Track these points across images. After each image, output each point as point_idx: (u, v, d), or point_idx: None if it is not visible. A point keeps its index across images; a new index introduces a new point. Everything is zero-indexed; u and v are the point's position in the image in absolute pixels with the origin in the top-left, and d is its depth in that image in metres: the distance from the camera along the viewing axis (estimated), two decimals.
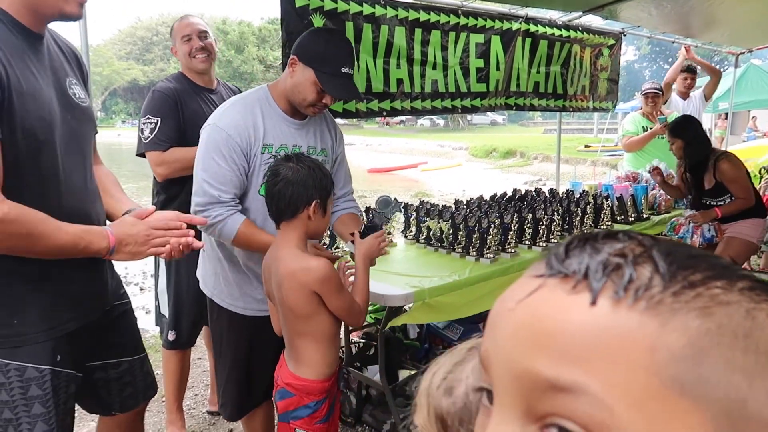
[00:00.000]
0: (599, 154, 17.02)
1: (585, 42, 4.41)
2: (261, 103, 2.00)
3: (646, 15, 4.43)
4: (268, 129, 1.97)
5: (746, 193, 3.65)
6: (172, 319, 2.69)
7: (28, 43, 1.40)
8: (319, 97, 1.94)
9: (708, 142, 3.80)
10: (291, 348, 1.84)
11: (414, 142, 27.90)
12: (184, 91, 2.59)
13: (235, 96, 2.11)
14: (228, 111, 1.97)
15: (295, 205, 1.71)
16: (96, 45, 53.54)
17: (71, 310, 1.51)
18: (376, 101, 3.04)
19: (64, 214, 1.40)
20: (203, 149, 1.94)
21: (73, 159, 1.50)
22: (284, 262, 1.73)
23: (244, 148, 1.92)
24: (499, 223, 2.94)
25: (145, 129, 2.52)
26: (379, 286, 2.54)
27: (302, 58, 1.94)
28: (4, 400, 1.38)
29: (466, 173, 17.41)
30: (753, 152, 7.86)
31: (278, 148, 2.00)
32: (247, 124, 1.93)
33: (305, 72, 1.93)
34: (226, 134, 1.90)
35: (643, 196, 4.14)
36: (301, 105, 1.99)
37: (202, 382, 3.48)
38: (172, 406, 2.82)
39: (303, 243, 1.76)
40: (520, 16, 3.82)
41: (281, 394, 1.85)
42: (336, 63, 1.92)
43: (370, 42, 2.94)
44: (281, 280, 1.74)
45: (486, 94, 3.65)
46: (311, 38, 2.00)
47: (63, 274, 1.46)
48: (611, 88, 4.86)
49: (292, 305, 1.74)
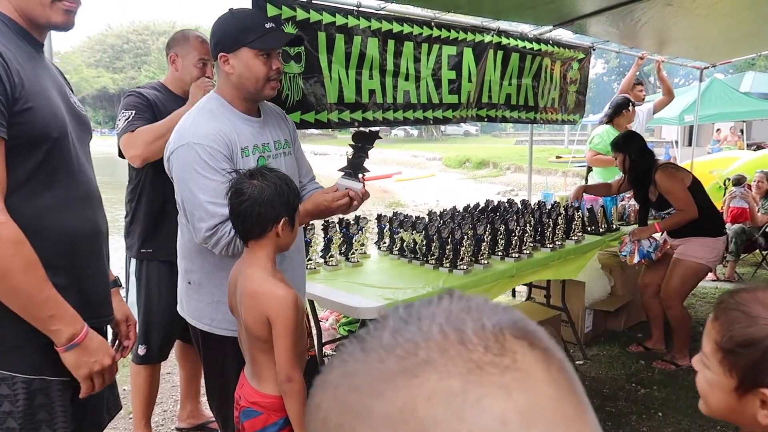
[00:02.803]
0: (570, 165, 17.28)
1: (556, 55, 4.47)
2: (221, 110, 1.93)
3: (615, 30, 4.52)
4: (238, 133, 1.91)
5: (684, 205, 3.54)
6: (141, 333, 2.61)
7: (35, 50, 1.42)
8: (267, 66, 1.88)
9: (650, 155, 3.77)
10: (253, 364, 1.78)
11: (388, 152, 27.97)
12: (162, 98, 2.53)
13: (194, 108, 2.00)
14: (198, 124, 1.87)
15: (263, 225, 1.66)
16: (64, 52, 52.57)
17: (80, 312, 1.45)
18: (348, 112, 3.03)
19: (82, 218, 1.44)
20: (189, 170, 1.81)
21: (85, 162, 1.51)
22: (250, 280, 1.69)
23: (227, 155, 1.84)
24: (472, 234, 2.94)
25: (120, 123, 2.43)
26: (352, 299, 2.52)
27: (228, 48, 1.87)
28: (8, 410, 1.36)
29: (439, 183, 17.52)
30: (719, 164, 8.09)
31: (253, 149, 1.94)
32: (221, 131, 1.85)
33: (240, 56, 1.87)
34: (207, 147, 1.81)
35: (612, 207, 4.20)
36: (258, 89, 1.91)
37: (171, 397, 3.40)
38: (139, 423, 2.74)
39: (271, 262, 1.72)
40: (492, 29, 3.86)
41: (246, 414, 1.78)
42: (257, 24, 1.88)
43: (342, 52, 2.93)
44: (243, 297, 1.70)
45: (458, 106, 3.67)
46: (220, 28, 1.92)
47: (73, 272, 1.45)
48: (579, 100, 4.94)
49: (250, 325, 1.69)
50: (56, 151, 1.39)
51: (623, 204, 4.43)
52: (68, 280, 1.43)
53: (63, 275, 1.41)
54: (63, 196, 1.41)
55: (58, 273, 1.39)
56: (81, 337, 1.36)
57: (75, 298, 1.43)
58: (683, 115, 11.24)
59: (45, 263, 1.34)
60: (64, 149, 1.41)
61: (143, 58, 55.35)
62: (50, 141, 1.37)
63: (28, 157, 1.34)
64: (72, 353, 1.36)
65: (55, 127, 1.38)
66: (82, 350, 1.37)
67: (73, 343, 1.35)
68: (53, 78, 1.48)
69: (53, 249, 1.38)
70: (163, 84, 2.63)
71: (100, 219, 1.56)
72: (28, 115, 1.31)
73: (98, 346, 1.41)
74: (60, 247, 1.41)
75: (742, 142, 15.27)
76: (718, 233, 3.68)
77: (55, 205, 1.40)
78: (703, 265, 3.66)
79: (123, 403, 3.31)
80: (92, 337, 1.40)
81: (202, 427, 3.01)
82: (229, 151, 1.85)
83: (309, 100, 2.82)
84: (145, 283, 2.60)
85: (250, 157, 1.93)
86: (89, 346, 1.38)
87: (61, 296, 1.33)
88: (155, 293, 2.59)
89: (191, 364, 2.97)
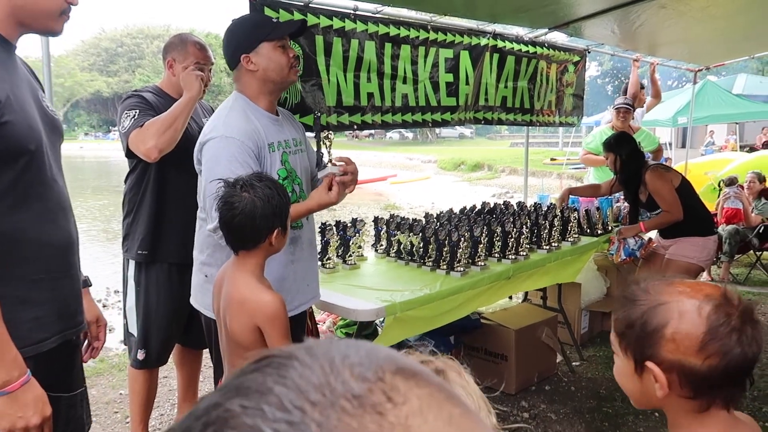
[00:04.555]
0: (565, 167, 17.35)
1: (551, 58, 4.50)
2: (247, 108, 2.04)
3: (609, 33, 4.55)
4: (264, 129, 2.02)
5: (670, 206, 3.57)
6: (141, 338, 2.60)
7: (7, 54, 1.38)
8: (286, 54, 2.03)
9: (641, 156, 3.81)
10: (231, 370, 1.78)
11: (383, 155, 28.00)
12: (161, 102, 2.53)
13: (221, 107, 2.10)
14: (230, 120, 1.98)
15: (257, 238, 1.65)
16: (58, 55, 52.36)
17: (58, 322, 1.44)
18: (347, 114, 3.04)
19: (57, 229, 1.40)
20: (218, 162, 1.91)
21: (57, 172, 1.48)
22: (237, 286, 1.68)
23: (256, 152, 1.95)
24: (468, 236, 2.95)
25: (126, 120, 2.40)
26: (349, 301, 2.52)
27: (248, 48, 2.01)
28: None
29: (434, 186, 17.53)
30: (713, 165, 8.13)
31: (277, 145, 2.05)
32: (251, 128, 1.97)
33: (260, 52, 2.00)
34: (239, 141, 1.91)
35: (608, 208, 4.22)
36: (284, 77, 2.05)
37: (168, 401, 3.39)
38: (137, 427, 2.72)
39: (261, 269, 1.71)
40: (488, 32, 3.87)
41: None
42: (265, 21, 2.03)
43: (340, 56, 2.94)
44: (229, 303, 1.69)
45: (455, 108, 3.68)
46: (236, 32, 2.06)
47: (51, 284, 1.42)
48: (576, 103, 4.96)
49: (236, 332, 1.69)
50: (33, 163, 1.37)
51: (618, 206, 4.45)
52: (47, 292, 1.41)
53: (42, 288, 1.39)
54: (39, 209, 1.39)
55: (38, 286, 1.37)
56: (15, 386, 1.23)
57: (53, 310, 1.42)
58: (677, 117, 11.32)
59: (24, 278, 1.32)
60: (40, 161, 1.39)
61: (137, 62, 55.21)
62: (28, 154, 1.35)
63: (5, 171, 1.31)
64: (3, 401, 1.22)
65: (32, 140, 1.36)
66: (11, 401, 1.23)
67: (3, 391, 1.22)
68: (27, 82, 1.45)
69: (32, 261, 1.37)
70: (160, 87, 2.62)
71: (72, 228, 1.54)
72: (6, 130, 1.28)
73: (32, 402, 1.26)
74: (39, 260, 1.39)
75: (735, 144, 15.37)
76: (708, 232, 3.70)
77: (32, 218, 1.37)
78: (695, 265, 3.68)
79: (120, 407, 3.32)
80: (30, 390, 1.26)
81: None
82: (257, 148, 1.96)
83: (307, 103, 2.82)
84: (145, 288, 2.58)
85: (276, 152, 2.04)
86: (21, 398, 1.24)
87: (9, 337, 1.23)
88: (154, 298, 2.58)
89: (189, 367, 2.96)
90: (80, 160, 30.51)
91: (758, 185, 6.17)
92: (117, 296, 6.28)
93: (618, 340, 1.05)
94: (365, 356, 0.31)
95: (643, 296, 1.01)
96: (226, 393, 0.30)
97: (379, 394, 0.29)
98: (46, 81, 2.30)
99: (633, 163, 3.74)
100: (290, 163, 2.10)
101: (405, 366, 0.32)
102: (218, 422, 0.28)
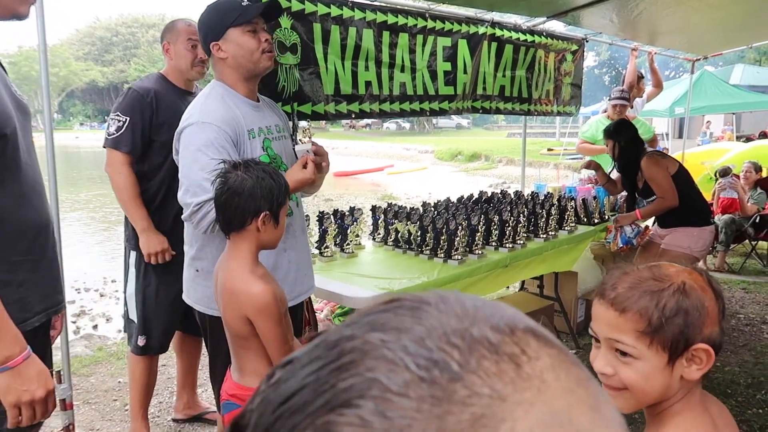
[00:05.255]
0: (562, 158, 17.35)
1: (549, 47, 4.49)
2: (225, 95, 2.01)
3: (608, 22, 4.54)
4: (243, 116, 1.99)
5: (665, 193, 3.56)
6: (141, 324, 2.62)
7: None
8: (256, 39, 1.99)
9: (640, 143, 3.82)
10: (236, 358, 1.79)
11: (380, 145, 27.95)
12: (162, 92, 2.55)
13: (199, 95, 2.08)
14: (206, 107, 1.95)
15: (242, 217, 1.62)
16: (52, 45, 51.93)
17: (41, 302, 1.46)
18: (345, 103, 3.03)
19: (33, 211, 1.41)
20: (193, 147, 1.88)
21: (30, 155, 1.49)
22: (229, 276, 1.67)
23: (233, 138, 1.92)
24: (466, 224, 2.96)
25: (112, 125, 2.49)
26: (348, 288, 2.53)
27: (216, 36, 1.99)
28: None
29: (432, 176, 17.53)
30: (710, 155, 8.15)
31: (258, 131, 2.02)
32: (229, 115, 1.94)
33: (228, 39, 1.97)
34: (216, 127, 1.88)
35: (605, 197, 4.24)
36: (254, 62, 2.00)
37: (167, 389, 3.40)
38: (137, 414, 2.74)
39: (253, 257, 1.68)
40: (486, 21, 3.86)
41: (226, 407, 1.77)
42: (233, 5, 1.98)
43: (338, 44, 2.93)
44: (221, 293, 1.70)
45: (453, 97, 3.67)
46: (203, 23, 2.03)
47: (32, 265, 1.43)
48: (575, 92, 4.96)
49: (229, 321, 1.70)
50: (8, 147, 1.38)
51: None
52: (28, 273, 1.43)
53: (24, 269, 1.41)
54: (16, 191, 1.41)
55: (19, 267, 1.39)
56: (17, 361, 1.26)
57: (35, 291, 1.44)
58: (674, 107, 11.31)
59: (5, 261, 1.34)
60: (14, 144, 1.41)
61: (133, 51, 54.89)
62: (2, 138, 1.36)
63: None
64: (3, 376, 1.26)
65: (7, 125, 1.37)
66: (15, 375, 1.26)
67: (5, 366, 1.25)
68: None
69: (13, 244, 1.39)
70: (163, 75, 2.66)
71: (47, 209, 1.56)
72: None
73: (36, 376, 1.30)
74: (19, 242, 1.41)
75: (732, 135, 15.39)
76: (705, 223, 3.69)
77: (11, 200, 1.39)
78: (689, 255, 3.64)
79: (119, 395, 3.33)
80: (30, 364, 1.29)
81: (198, 418, 3.02)
82: (235, 134, 1.93)
83: (305, 91, 2.82)
84: (144, 275, 2.60)
85: (256, 138, 2.01)
86: (24, 372, 1.28)
87: (7, 315, 1.26)
88: (154, 285, 2.59)
89: (189, 355, 2.98)
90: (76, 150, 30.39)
91: (754, 175, 6.19)
92: (114, 285, 6.29)
93: (648, 339, 0.96)
94: (496, 310, 0.31)
95: (662, 284, 0.97)
96: (359, 327, 0.29)
97: (514, 346, 0.29)
98: (42, 70, 2.29)
99: (632, 150, 3.73)
100: (273, 149, 2.07)
101: (532, 325, 0.32)
102: (356, 352, 0.28)
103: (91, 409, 3.18)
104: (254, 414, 0.29)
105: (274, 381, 0.29)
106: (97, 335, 4.73)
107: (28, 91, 50.97)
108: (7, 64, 1.54)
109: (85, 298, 6.08)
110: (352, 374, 0.27)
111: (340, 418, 0.25)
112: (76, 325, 5.18)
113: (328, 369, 0.27)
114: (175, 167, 2.03)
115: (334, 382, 0.27)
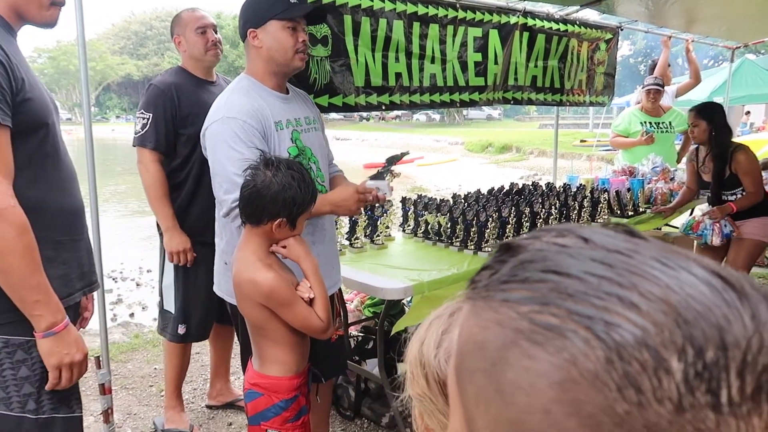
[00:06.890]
0: (595, 149, 17.05)
1: (582, 36, 4.41)
2: (253, 88, 2.00)
3: (643, 9, 4.43)
4: (270, 108, 1.97)
5: (757, 188, 3.62)
6: (180, 314, 2.68)
7: (14, 40, 1.50)
8: (294, 38, 1.97)
9: (731, 130, 3.77)
10: (255, 347, 1.82)
11: (410, 137, 27.86)
12: (182, 84, 2.58)
13: (226, 89, 2.08)
14: (233, 100, 1.95)
15: (259, 216, 1.66)
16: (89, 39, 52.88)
17: (80, 279, 1.58)
18: (375, 95, 3.04)
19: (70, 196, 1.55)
20: (221, 143, 1.88)
21: (64, 144, 1.61)
22: (237, 266, 1.71)
23: (260, 131, 1.91)
24: (497, 216, 2.95)
25: (138, 123, 2.56)
26: (378, 280, 2.55)
27: (256, 23, 1.97)
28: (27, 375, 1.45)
29: (462, 168, 17.42)
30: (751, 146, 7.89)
31: (286, 123, 2.01)
32: (255, 107, 1.92)
33: (268, 30, 1.96)
34: (242, 121, 1.87)
35: (639, 189, 4.15)
36: (287, 60, 1.99)
37: (201, 376, 3.48)
38: (172, 394, 2.83)
39: (263, 250, 1.71)
40: (518, 10, 3.81)
41: (249, 396, 1.81)
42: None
43: (368, 35, 2.93)
44: (234, 284, 1.74)
45: (484, 88, 3.64)
46: (247, 7, 2.01)
47: (72, 245, 1.56)
48: (608, 82, 4.86)
49: (243, 310, 1.74)
50: (49, 136, 1.51)
51: (650, 187, 4.37)
52: (69, 252, 1.55)
53: (66, 249, 1.53)
54: (56, 177, 1.53)
55: (62, 246, 1.51)
56: (60, 327, 1.41)
57: (75, 269, 1.56)
58: (712, 96, 10.96)
59: (51, 240, 1.46)
60: (54, 134, 1.53)
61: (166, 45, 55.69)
62: (45, 128, 1.48)
63: (28, 143, 1.44)
64: (48, 341, 1.41)
65: (48, 115, 1.50)
66: (58, 340, 1.42)
67: (51, 331, 1.40)
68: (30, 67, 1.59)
69: (56, 226, 1.50)
70: (182, 67, 2.69)
71: (80, 196, 1.67)
72: (28, 105, 1.42)
73: (74, 341, 1.46)
74: (61, 224, 1.53)
75: None
76: None
77: (51, 186, 1.51)
78: (763, 242, 3.73)
79: (155, 381, 3.42)
80: (70, 331, 1.45)
81: (230, 405, 3.08)
82: (261, 127, 1.91)
83: (336, 83, 2.83)
84: (183, 266, 2.65)
85: (284, 130, 1.99)
86: (65, 337, 1.43)
87: (50, 285, 1.39)
88: (192, 274, 2.65)
89: (223, 344, 3.04)
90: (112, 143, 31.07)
91: None
92: (149, 275, 6.44)
93: None
94: None
95: None
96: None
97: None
98: (81, 64, 2.34)
99: (726, 136, 3.70)
100: (302, 141, 2.06)
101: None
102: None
103: (128, 395, 3.28)
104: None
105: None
106: (133, 323, 4.86)
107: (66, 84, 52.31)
108: (47, 59, 1.64)
109: (122, 287, 6.24)
110: None
111: None
112: (113, 312, 5.33)
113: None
114: (204, 159, 2.06)
115: None
